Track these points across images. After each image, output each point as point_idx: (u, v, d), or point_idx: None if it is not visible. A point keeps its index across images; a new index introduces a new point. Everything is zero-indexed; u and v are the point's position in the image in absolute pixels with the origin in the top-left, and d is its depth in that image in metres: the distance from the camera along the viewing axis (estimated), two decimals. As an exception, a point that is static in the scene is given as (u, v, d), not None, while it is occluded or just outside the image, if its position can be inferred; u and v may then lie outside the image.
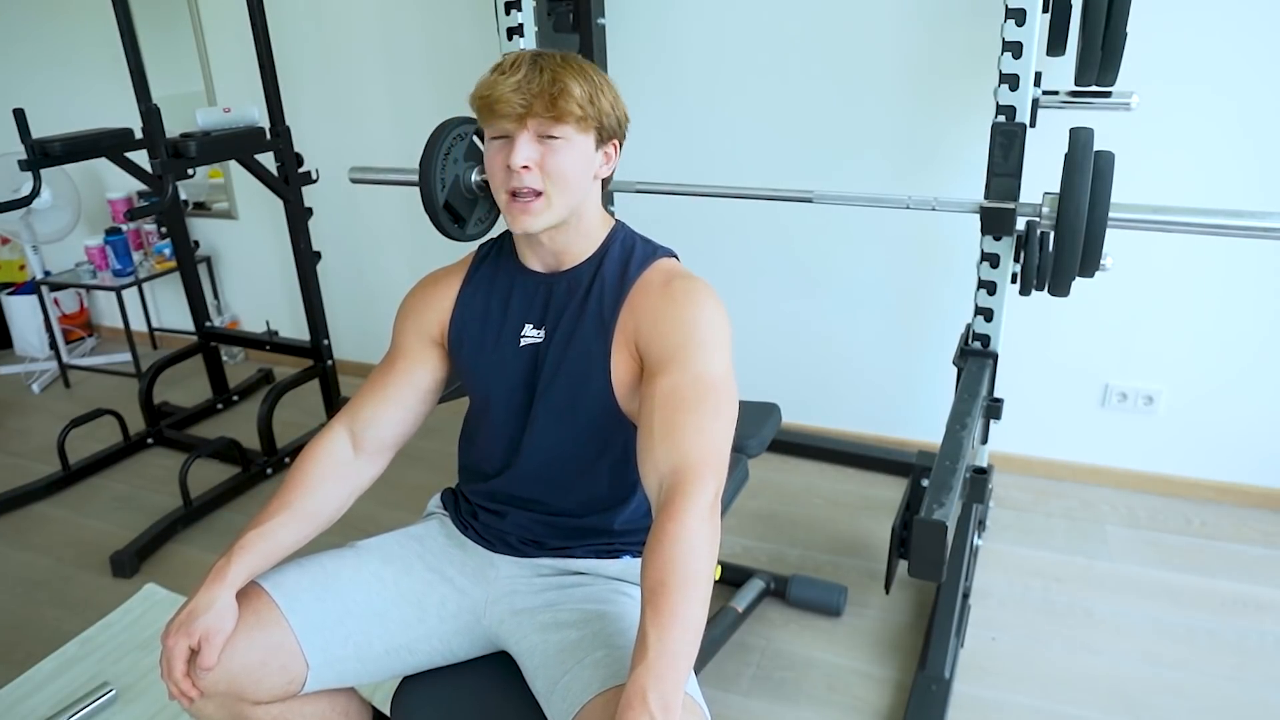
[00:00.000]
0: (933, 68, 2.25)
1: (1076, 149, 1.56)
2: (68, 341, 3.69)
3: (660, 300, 1.12)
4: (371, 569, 1.19)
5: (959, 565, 1.93)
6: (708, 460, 1.01)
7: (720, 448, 1.05)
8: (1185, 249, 2.17)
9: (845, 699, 1.77)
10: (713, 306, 1.12)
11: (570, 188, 1.10)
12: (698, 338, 1.08)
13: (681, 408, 1.05)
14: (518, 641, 1.15)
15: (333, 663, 1.12)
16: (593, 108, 1.08)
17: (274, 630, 1.08)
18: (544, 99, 1.05)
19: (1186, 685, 1.78)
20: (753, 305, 2.65)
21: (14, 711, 1.79)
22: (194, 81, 3.15)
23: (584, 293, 1.16)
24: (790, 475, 2.57)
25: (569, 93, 1.06)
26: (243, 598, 1.09)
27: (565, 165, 1.08)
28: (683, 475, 1.00)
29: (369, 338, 3.33)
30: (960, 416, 1.65)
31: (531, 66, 1.07)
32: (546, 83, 1.05)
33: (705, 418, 1.04)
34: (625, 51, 2.50)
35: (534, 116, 1.06)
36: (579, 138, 1.09)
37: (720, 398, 1.06)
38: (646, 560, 0.96)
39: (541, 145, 1.08)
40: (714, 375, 1.07)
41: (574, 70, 1.08)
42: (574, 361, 1.15)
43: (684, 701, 0.91)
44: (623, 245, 1.19)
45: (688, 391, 1.05)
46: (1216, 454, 2.35)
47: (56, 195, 3.15)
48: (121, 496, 2.62)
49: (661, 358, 1.09)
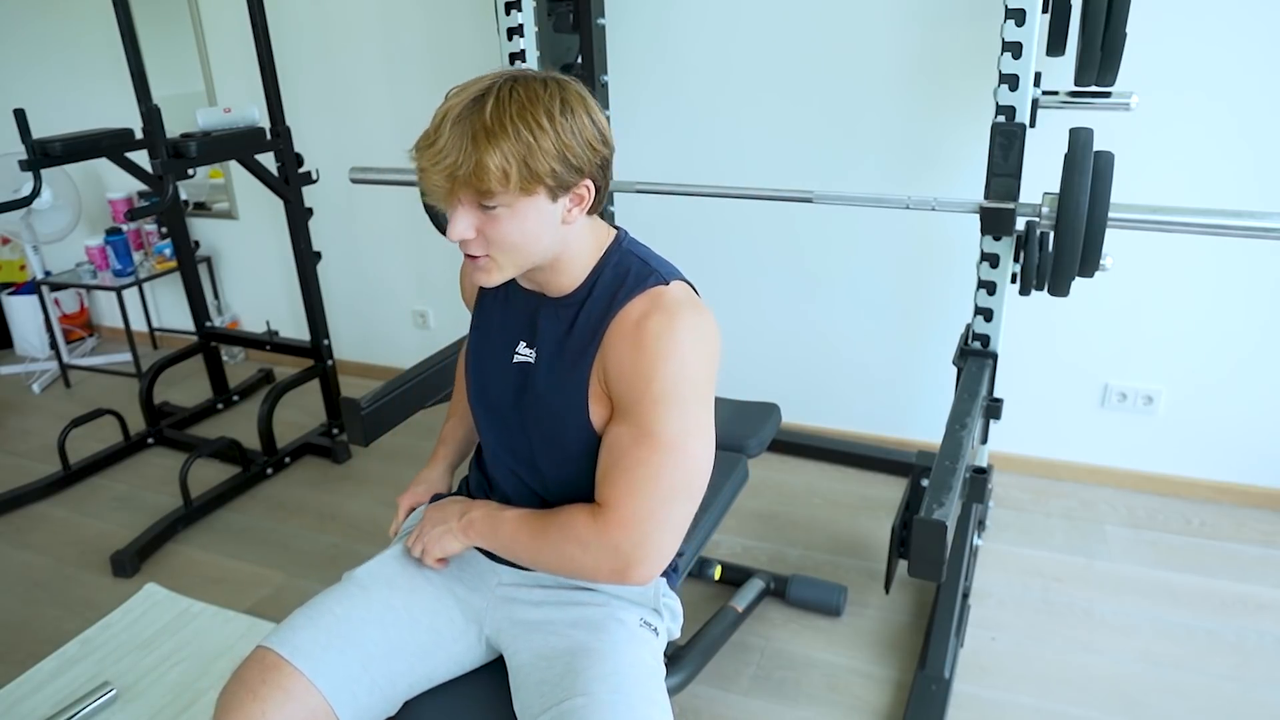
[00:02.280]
0: (933, 68, 2.25)
1: (1076, 149, 1.56)
2: (68, 341, 3.69)
3: (629, 342, 1.02)
4: (381, 600, 1.16)
5: (959, 565, 1.93)
6: (634, 512, 1.02)
7: (650, 503, 1.02)
8: (1185, 249, 2.18)
9: (845, 699, 1.77)
10: (684, 354, 1.00)
11: (519, 252, 1.02)
12: (654, 391, 1.00)
13: (621, 460, 1.03)
14: (511, 655, 1.16)
15: (363, 710, 1.10)
16: (525, 171, 0.95)
17: (306, 700, 1.04)
18: (465, 178, 0.95)
19: (1186, 685, 1.78)
20: (753, 305, 2.65)
21: (14, 711, 1.79)
22: (194, 81, 3.16)
23: (569, 324, 1.09)
24: (790, 475, 2.57)
25: (486, 170, 0.93)
26: (268, 673, 1.05)
27: (507, 233, 0.99)
28: (605, 506, 1.05)
29: (369, 338, 3.34)
30: (960, 416, 1.65)
31: (455, 129, 0.95)
32: (465, 160, 0.94)
33: (641, 474, 1.01)
34: (625, 52, 2.50)
35: (462, 193, 0.97)
36: (524, 202, 0.97)
37: (666, 460, 1.01)
38: (557, 509, 1.11)
39: (483, 212, 0.98)
40: (666, 436, 1.00)
41: (503, 131, 0.94)
42: (554, 392, 1.10)
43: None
44: (615, 270, 1.09)
45: (631, 448, 1.02)
46: (1216, 454, 2.35)
47: (57, 195, 3.15)
48: (122, 496, 2.62)
49: (620, 405, 1.04)
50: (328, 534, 2.38)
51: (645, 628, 1.17)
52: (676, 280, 1.09)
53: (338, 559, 2.25)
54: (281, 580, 2.20)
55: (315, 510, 2.50)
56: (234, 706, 1.03)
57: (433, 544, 1.17)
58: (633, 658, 1.10)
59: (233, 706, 1.03)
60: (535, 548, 1.10)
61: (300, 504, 2.54)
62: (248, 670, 1.06)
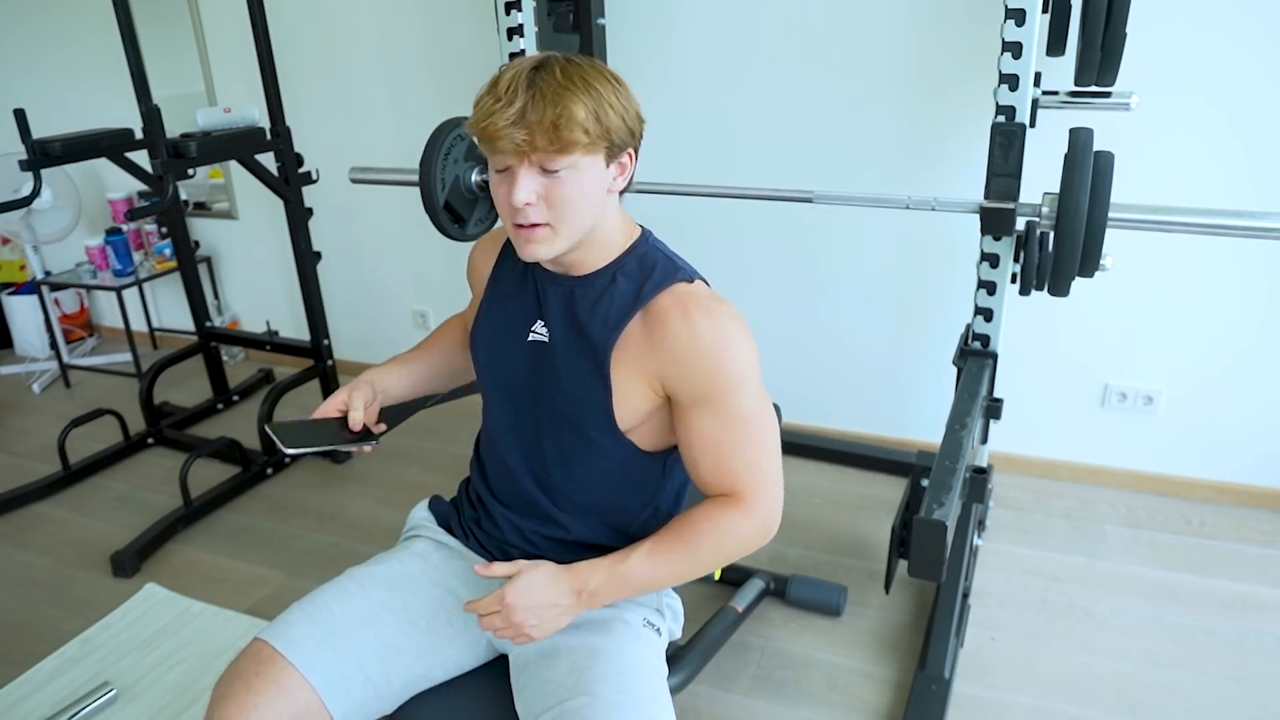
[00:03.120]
0: (933, 68, 2.25)
1: (1076, 149, 1.56)
2: (68, 341, 3.69)
3: (683, 336, 1.05)
4: (379, 599, 1.17)
5: (959, 565, 1.93)
6: (763, 481, 1.10)
7: (768, 466, 1.11)
8: (1185, 249, 2.18)
9: (845, 699, 1.77)
10: (738, 338, 1.07)
11: (578, 216, 1.03)
12: (727, 377, 1.06)
13: (724, 449, 1.08)
14: (515, 655, 1.16)
15: (356, 708, 1.10)
16: (600, 127, 0.99)
17: (297, 694, 1.05)
18: (546, 132, 0.96)
19: (1186, 685, 1.78)
20: (753, 305, 2.62)
21: (14, 711, 1.79)
22: (194, 81, 3.16)
23: (591, 306, 1.10)
24: (790, 475, 2.53)
25: (573, 119, 0.96)
26: (262, 665, 1.06)
27: (572, 196, 1.01)
28: (740, 494, 1.10)
29: (369, 338, 3.34)
30: (960, 416, 1.65)
31: (529, 91, 0.96)
32: (548, 112, 0.96)
33: (748, 450, 1.09)
34: (625, 51, 2.50)
35: (536, 151, 0.98)
36: (587, 162, 1.01)
37: (757, 427, 1.09)
38: (680, 514, 1.12)
39: (546, 177, 1.00)
40: (749, 411, 1.08)
41: (577, 86, 0.98)
42: (573, 375, 1.11)
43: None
44: (641, 261, 1.12)
45: (729, 434, 1.08)
46: (1216, 454, 2.35)
47: (57, 195, 3.15)
48: (122, 496, 2.62)
49: (694, 398, 1.07)
50: (328, 534, 2.38)
51: (649, 628, 1.18)
52: (699, 280, 1.13)
53: (338, 559, 2.25)
54: (281, 580, 2.20)
55: (315, 510, 2.50)
56: (228, 697, 1.04)
57: (539, 630, 1.05)
58: (637, 657, 1.11)
59: (227, 697, 1.04)
60: (687, 567, 1.11)
61: (300, 504, 2.54)
62: (243, 662, 1.08)
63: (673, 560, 1.09)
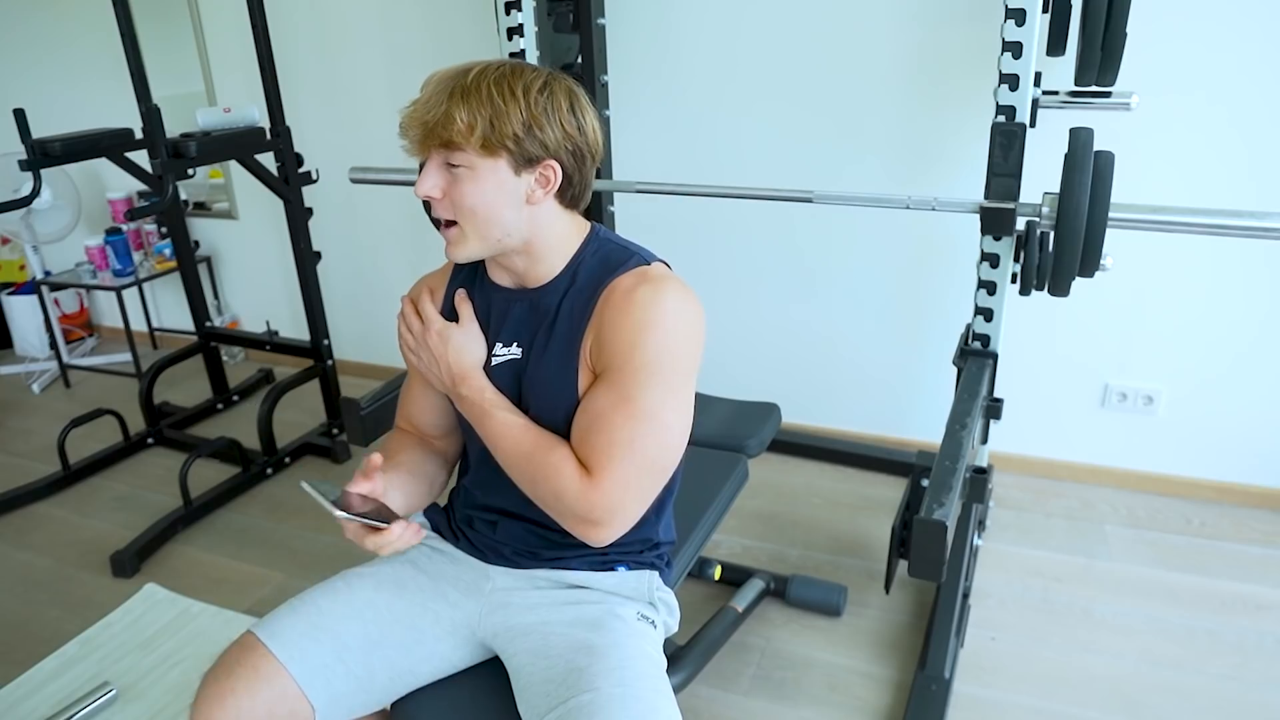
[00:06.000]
0: (933, 68, 2.25)
1: (1076, 149, 1.56)
2: (68, 341, 3.69)
3: (616, 309, 1.05)
4: (364, 597, 1.18)
5: (959, 565, 1.93)
6: (613, 478, 1.03)
7: (629, 470, 1.03)
8: (1185, 249, 2.17)
9: (845, 699, 1.77)
10: (670, 325, 1.03)
11: (481, 219, 1.05)
12: (638, 360, 1.02)
13: (600, 422, 1.04)
14: (510, 658, 1.16)
15: (338, 699, 1.11)
16: (492, 132, 1.00)
17: (275, 681, 1.08)
18: (435, 128, 1.01)
19: (1186, 685, 1.78)
20: (753, 305, 2.65)
21: (14, 711, 1.79)
22: (194, 81, 3.16)
23: (554, 312, 1.11)
24: (790, 475, 2.57)
25: (451, 120, 1.00)
26: (244, 654, 1.10)
27: (469, 196, 1.03)
28: (590, 469, 1.04)
29: (369, 338, 3.34)
30: (960, 416, 1.65)
31: (438, 89, 1.02)
32: (436, 110, 1.01)
33: (620, 441, 1.03)
34: (625, 51, 2.50)
35: (431, 143, 1.03)
36: (484, 164, 1.02)
37: (641, 428, 1.02)
38: (557, 439, 1.09)
39: (449, 173, 1.04)
40: (645, 404, 1.02)
41: (475, 92, 1.00)
42: (547, 382, 1.11)
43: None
44: (597, 257, 1.12)
45: (613, 412, 1.03)
46: (1216, 454, 2.35)
47: (57, 195, 3.15)
48: (121, 496, 2.62)
49: (604, 370, 1.06)
50: (328, 534, 2.38)
51: (643, 621, 1.18)
52: (657, 262, 1.13)
53: (337, 559, 2.25)
54: (281, 580, 2.20)
55: (315, 510, 2.50)
56: (210, 683, 1.09)
57: (416, 356, 1.21)
58: (634, 650, 1.11)
59: (209, 683, 1.09)
60: (515, 463, 1.10)
61: (300, 504, 2.53)
62: (229, 652, 1.12)
63: (509, 445, 1.09)
